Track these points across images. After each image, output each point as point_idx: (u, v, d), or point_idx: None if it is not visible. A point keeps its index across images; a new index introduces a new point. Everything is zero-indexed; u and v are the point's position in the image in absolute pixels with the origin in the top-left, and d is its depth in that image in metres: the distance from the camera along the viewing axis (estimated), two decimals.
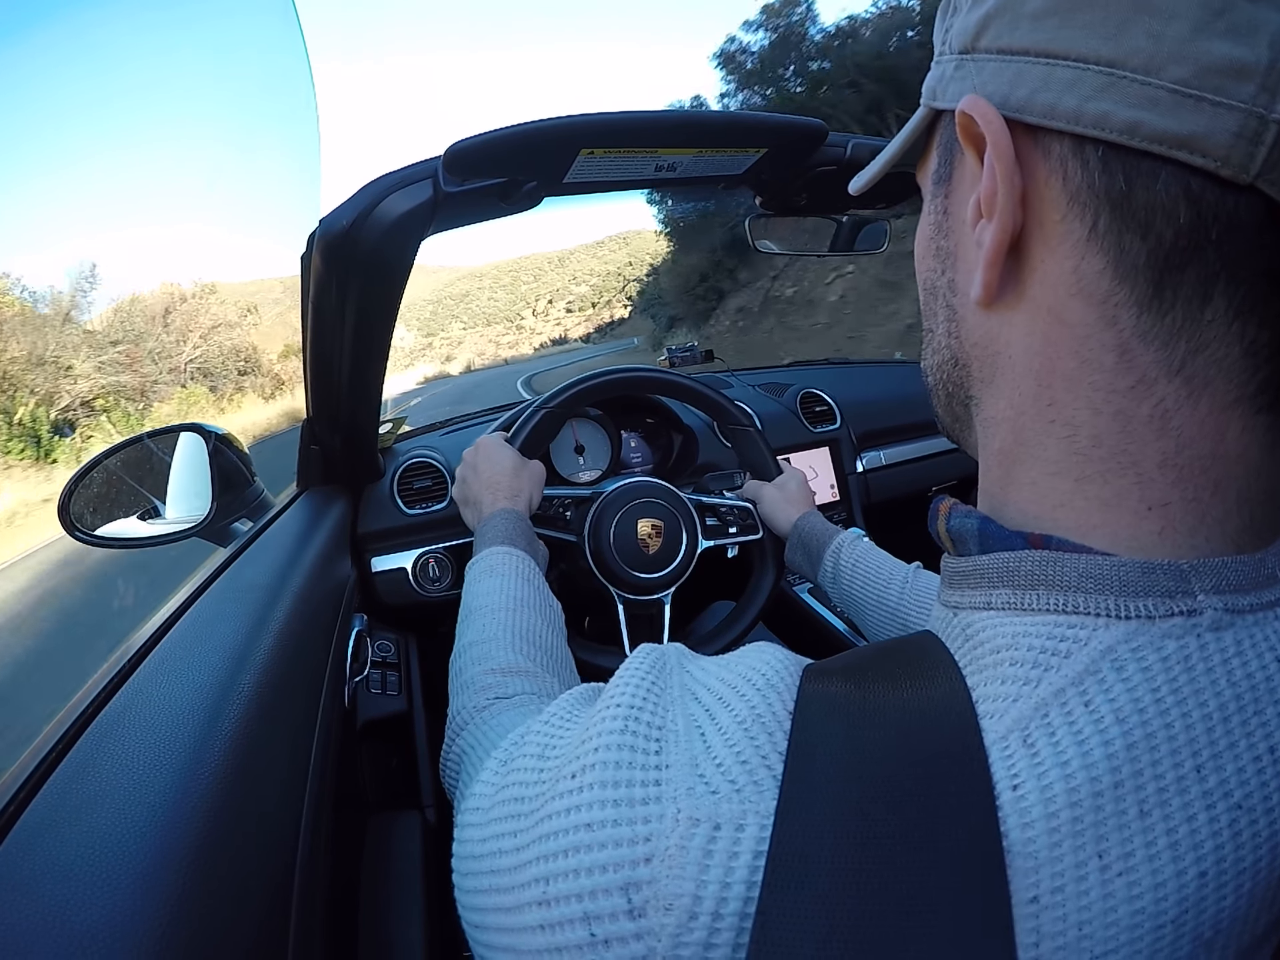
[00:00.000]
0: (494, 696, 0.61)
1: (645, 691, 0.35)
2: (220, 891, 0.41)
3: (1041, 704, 0.28)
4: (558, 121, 0.75)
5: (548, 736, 0.38)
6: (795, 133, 0.85)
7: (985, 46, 0.32)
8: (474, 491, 0.93)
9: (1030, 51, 0.30)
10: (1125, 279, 0.29)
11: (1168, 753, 0.27)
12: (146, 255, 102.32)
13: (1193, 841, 0.26)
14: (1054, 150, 0.30)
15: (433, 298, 39.86)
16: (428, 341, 33.87)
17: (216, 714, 0.51)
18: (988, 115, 0.31)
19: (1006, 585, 0.32)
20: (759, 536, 1.09)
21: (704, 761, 0.30)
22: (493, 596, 0.74)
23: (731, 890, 0.27)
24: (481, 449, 0.97)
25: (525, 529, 0.87)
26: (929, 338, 0.41)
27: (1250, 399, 0.29)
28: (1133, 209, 0.28)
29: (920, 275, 0.41)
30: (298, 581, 0.81)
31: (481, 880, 0.36)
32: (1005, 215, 0.31)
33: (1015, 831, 0.26)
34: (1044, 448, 0.33)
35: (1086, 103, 0.28)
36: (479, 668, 0.65)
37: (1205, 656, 0.28)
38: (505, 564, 0.79)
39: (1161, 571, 0.29)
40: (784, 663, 0.35)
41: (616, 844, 0.29)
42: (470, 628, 0.71)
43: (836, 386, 1.58)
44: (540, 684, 0.63)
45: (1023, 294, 0.33)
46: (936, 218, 0.38)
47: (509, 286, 42.24)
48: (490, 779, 0.40)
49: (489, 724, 0.56)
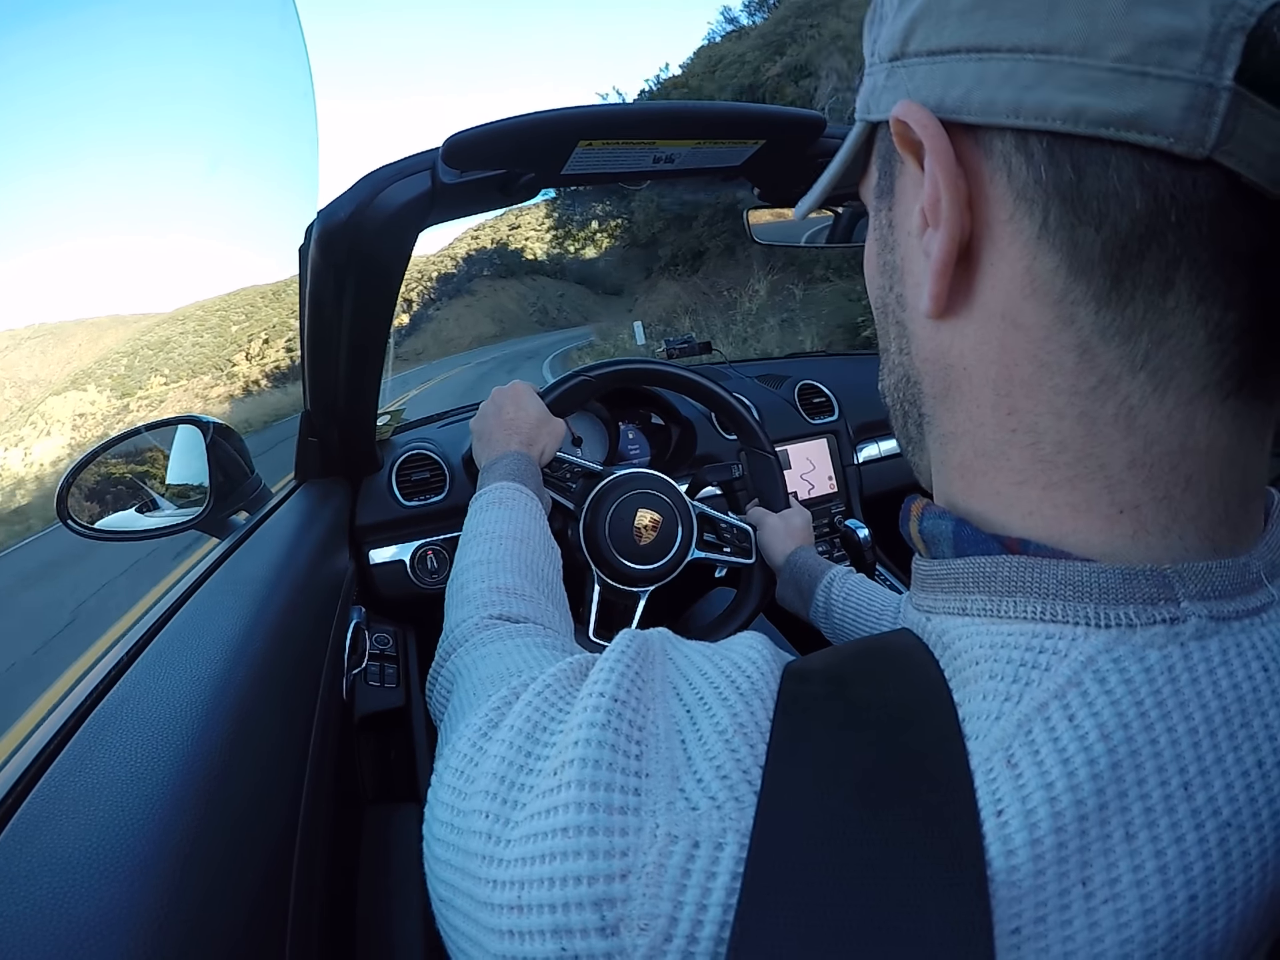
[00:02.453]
0: (497, 615, 0.58)
1: (629, 683, 0.33)
2: (218, 884, 0.41)
3: (1024, 720, 0.27)
4: (556, 113, 0.74)
5: (540, 714, 0.35)
6: (794, 124, 0.85)
7: (914, 50, 0.31)
8: (491, 428, 0.92)
9: (961, 49, 0.29)
10: (1081, 274, 0.28)
11: (1154, 770, 0.26)
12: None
13: (1182, 864, 0.25)
14: (996, 148, 0.29)
15: (128, 349, 36.30)
16: (123, 404, 30.35)
17: (214, 706, 0.51)
18: (922, 119, 0.30)
19: (982, 591, 0.31)
20: (750, 562, 1.08)
21: (684, 774, 0.29)
22: (500, 525, 0.73)
23: (708, 912, 0.26)
24: (511, 390, 0.96)
25: (535, 474, 0.87)
26: (884, 357, 0.39)
27: (1216, 385, 0.28)
28: (1084, 199, 0.27)
29: (871, 294, 0.40)
30: (296, 574, 0.81)
31: (455, 856, 0.34)
32: (951, 222, 0.30)
33: (999, 860, 0.25)
34: (1006, 458, 0.32)
35: (1025, 93, 0.27)
36: (483, 584, 0.63)
37: (1190, 666, 0.27)
38: (514, 499, 0.78)
39: (1143, 578, 0.28)
40: (768, 662, 0.34)
41: (593, 855, 0.28)
42: (474, 550, 0.69)
43: (834, 378, 1.57)
44: (543, 612, 0.61)
45: (974, 302, 0.31)
46: (881, 233, 0.37)
47: (216, 328, 39.37)
48: (475, 738, 0.37)
49: (486, 649, 0.52)
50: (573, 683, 0.37)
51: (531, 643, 0.52)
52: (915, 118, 0.30)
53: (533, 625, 0.57)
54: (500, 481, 0.80)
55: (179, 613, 0.66)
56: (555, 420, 0.97)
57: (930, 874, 0.25)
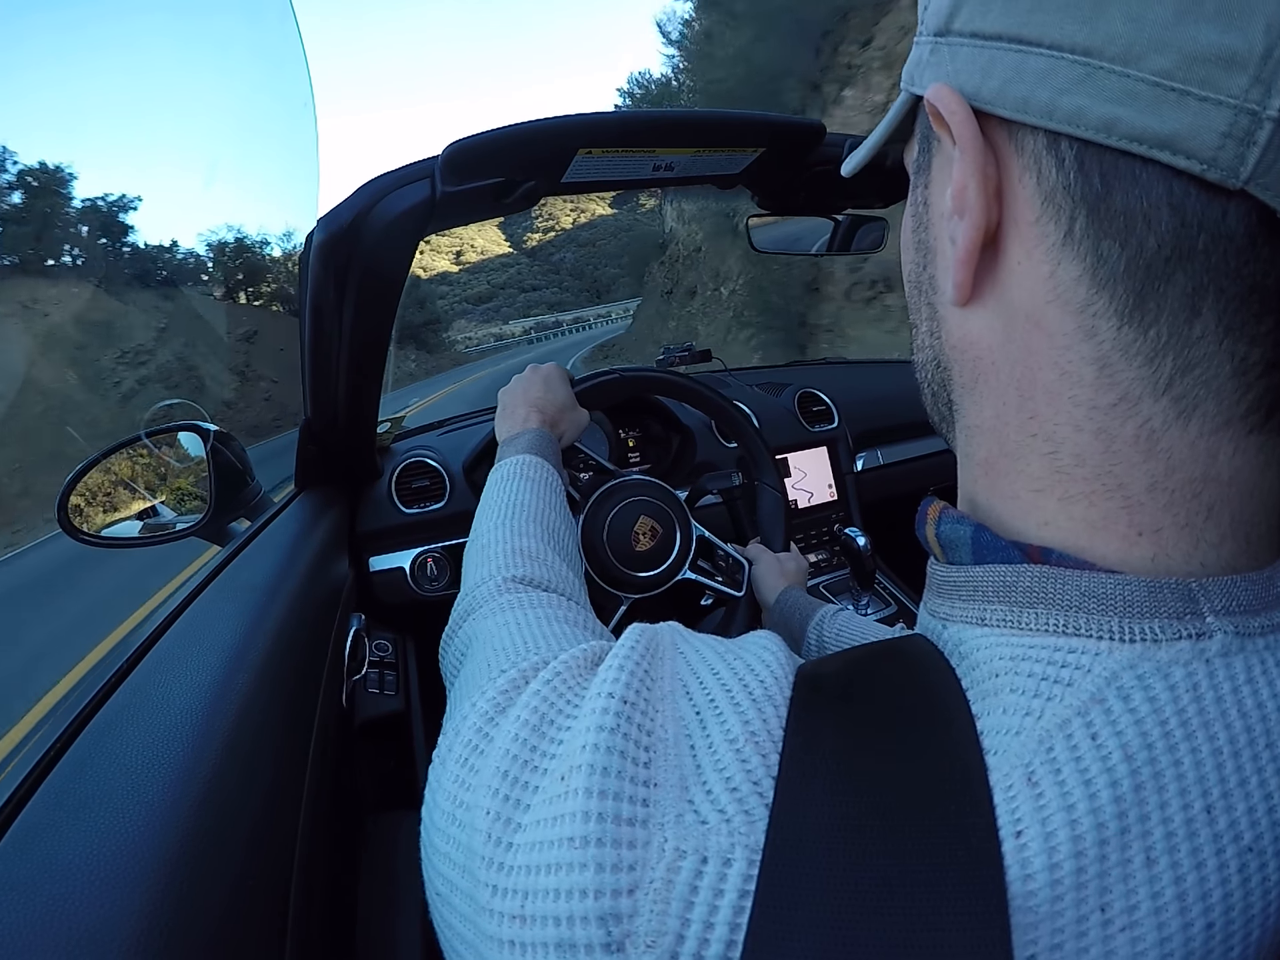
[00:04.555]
0: (518, 576, 0.56)
1: (639, 682, 0.32)
2: (218, 891, 0.41)
3: (1045, 737, 0.26)
4: (556, 121, 0.75)
5: (549, 706, 0.34)
6: (793, 132, 0.85)
7: (959, 29, 0.30)
8: (517, 402, 0.91)
9: (1003, 37, 0.28)
10: (1104, 287, 0.27)
11: (1176, 793, 0.25)
12: None
13: (1201, 891, 0.24)
14: (1028, 146, 0.28)
15: None
16: None
17: (214, 713, 0.51)
18: (953, 106, 0.29)
19: (1002, 601, 0.30)
20: (739, 595, 1.07)
21: (693, 785, 0.28)
22: (523, 494, 0.71)
23: (715, 930, 0.25)
24: (545, 371, 0.95)
25: (555, 451, 0.85)
26: (915, 334, 0.39)
27: (1241, 419, 0.27)
28: (1110, 213, 0.26)
29: (905, 268, 0.39)
30: (295, 581, 0.81)
31: (456, 852, 0.33)
32: (976, 213, 0.29)
33: (1016, 884, 0.24)
34: (1026, 461, 0.31)
35: (1060, 96, 0.26)
36: (505, 545, 0.61)
37: (1215, 685, 0.26)
38: (536, 472, 0.76)
39: (1169, 590, 0.27)
40: (782, 666, 0.33)
41: (600, 867, 0.27)
42: (493, 514, 0.67)
43: (834, 386, 1.57)
44: (563, 580, 0.59)
45: (1001, 295, 0.31)
46: (916, 209, 0.36)
47: None
48: (481, 723, 0.36)
49: (504, 616, 0.49)
50: (583, 673, 0.35)
51: (551, 615, 0.48)
52: (947, 104, 0.29)
53: (553, 596, 0.54)
54: (523, 454, 0.78)
55: (179, 619, 0.66)
56: (580, 410, 0.96)
57: (951, 892, 0.24)
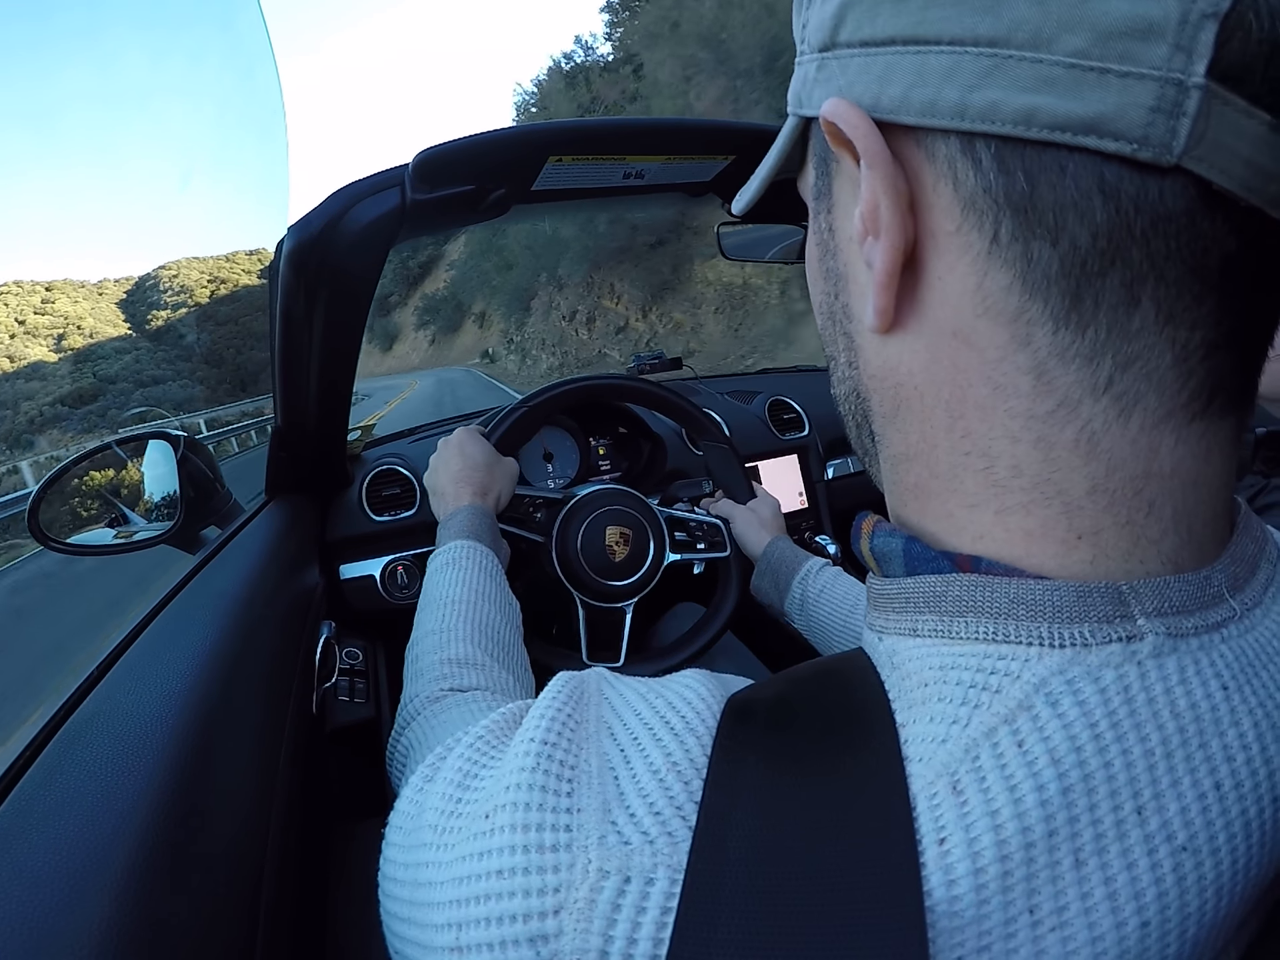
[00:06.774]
0: (448, 687, 0.61)
1: (560, 726, 0.33)
2: (188, 899, 0.41)
3: (971, 745, 0.25)
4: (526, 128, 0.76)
5: (470, 763, 0.36)
6: (763, 139, 0.86)
7: (846, 40, 0.28)
8: (443, 483, 0.91)
9: (896, 40, 0.26)
10: (1037, 293, 0.26)
11: (1106, 795, 0.25)
12: None
13: (1133, 890, 0.24)
14: (940, 152, 0.27)
15: None
16: None
17: (184, 720, 0.51)
18: (853, 120, 0.27)
19: (933, 611, 0.30)
20: (726, 554, 1.09)
21: (616, 808, 0.29)
22: (453, 588, 0.73)
23: (638, 947, 0.26)
24: (456, 441, 0.95)
25: (490, 525, 0.86)
26: (833, 366, 0.38)
27: (1183, 408, 0.26)
28: (1039, 211, 0.25)
29: (814, 301, 0.37)
30: (266, 588, 0.81)
31: (401, 907, 0.35)
32: (893, 231, 0.28)
33: (939, 890, 0.24)
34: (960, 481, 0.30)
35: (970, 93, 0.25)
36: (435, 656, 0.65)
37: (1146, 686, 0.26)
38: (468, 557, 0.78)
39: (1098, 594, 0.27)
40: (706, 700, 0.33)
41: (526, 893, 0.28)
42: (429, 617, 0.71)
43: (805, 394, 1.59)
44: (495, 679, 0.64)
45: (923, 316, 0.29)
46: (821, 236, 0.35)
47: None
48: (413, 795, 0.38)
49: (437, 719, 0.56)
50: (505, 731, 0.37)
51: (476, 708, 0.56)
52: (846, 118, 0.28)
53: (481, 693, 0.60)
54: (455, 540, 0.81)
55: (149, 627, 0.66)
56: (506, 460, 0.97)
57: (867, 906, 0.24)
